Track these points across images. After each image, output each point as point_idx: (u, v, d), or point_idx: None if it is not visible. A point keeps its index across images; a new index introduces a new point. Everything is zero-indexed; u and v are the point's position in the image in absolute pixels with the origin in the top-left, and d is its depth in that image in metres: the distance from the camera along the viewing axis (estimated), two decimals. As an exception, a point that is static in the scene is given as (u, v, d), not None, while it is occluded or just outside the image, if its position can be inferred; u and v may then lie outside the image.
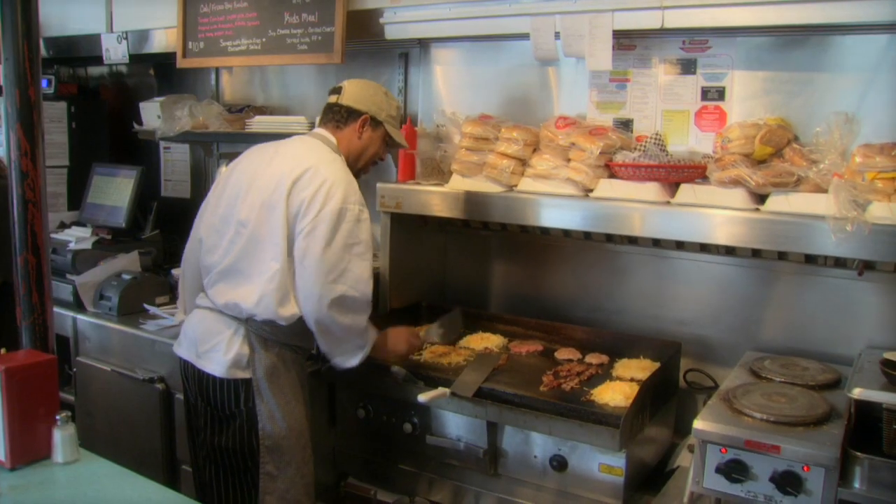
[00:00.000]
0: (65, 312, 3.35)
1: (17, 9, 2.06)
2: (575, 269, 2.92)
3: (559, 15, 2.51)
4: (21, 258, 2.16)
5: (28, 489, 1.75)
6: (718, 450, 1.92)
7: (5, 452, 1.80)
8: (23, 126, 2.11)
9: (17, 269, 2.19)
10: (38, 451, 1.85)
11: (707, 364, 2.66)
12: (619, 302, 2.84)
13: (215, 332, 2.31)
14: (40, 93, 2.14)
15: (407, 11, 2.83)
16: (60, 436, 1.84)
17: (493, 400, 2.29)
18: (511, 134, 2.61)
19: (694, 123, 2.58)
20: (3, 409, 1.78)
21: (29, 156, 2.13)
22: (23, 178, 2.15)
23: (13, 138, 2.13)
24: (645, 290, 2.79)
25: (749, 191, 2.24)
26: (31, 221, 2.16)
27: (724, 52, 2.51)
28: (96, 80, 4.66)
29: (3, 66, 2.10)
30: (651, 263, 2.76)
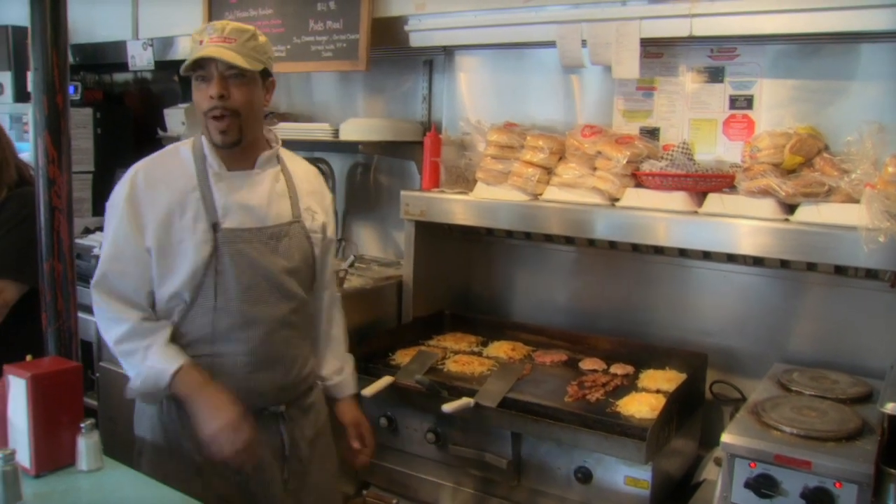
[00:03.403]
0: (88, 317, 3.34)
1: (47, 17, 2.07)
2: (600, 278, 2.90)
3: (586, 23, 2.49)
4: (47, 265, 2.17)
5: (52, 496, 1.75)
6: (747, 464, 1.89)
7: (30, 460, 1.79)
8: (50, 133, 2.12)
9: (42, 275, 2.20)
10: (63, 459, 1.84)
11: (733, 376, 2.62)
12: (644, 312, 2.81)
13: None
14: (68, 100, 2.15)
15: (432, 19, 2.82)
16: (85, 444, 1.84)
17: (517, 410, 2.26)
18: (537, 142, 2.59)
19: (722, 132, 2.56)
20: (28, 417, 1.78)
21: (56, 163, 2.14)
22: (50, 185, 2.15)
23: (41, 145, 2.13)
24: (671, 300, 2.76)
25: (778, 201, 2.21)
26: (57, 228, 2.16)
27: (753, 60, 2.48)
28: (121, 87, 4.69)
29: (31, 73, 2.11)
30: (677, 273, 2.73)
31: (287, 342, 2.10)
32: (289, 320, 2.09)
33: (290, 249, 2.09)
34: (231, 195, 2.04)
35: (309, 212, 2.16)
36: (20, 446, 1.78)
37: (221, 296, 2.00)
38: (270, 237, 2.06)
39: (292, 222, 2.11)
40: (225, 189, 2.04)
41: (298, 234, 2.12)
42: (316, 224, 2.17)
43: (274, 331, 2.06)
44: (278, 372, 2.09)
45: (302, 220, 2.14)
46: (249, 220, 2.04)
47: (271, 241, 2.06)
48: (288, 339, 2.10)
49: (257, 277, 2.02)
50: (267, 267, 2.03)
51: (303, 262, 2.12)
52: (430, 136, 2.86)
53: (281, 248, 2.07)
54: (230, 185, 2.05)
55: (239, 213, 2.04)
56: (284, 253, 2.07)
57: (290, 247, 2.09)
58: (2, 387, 1.84)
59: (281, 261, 2.06)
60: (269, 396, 2.08)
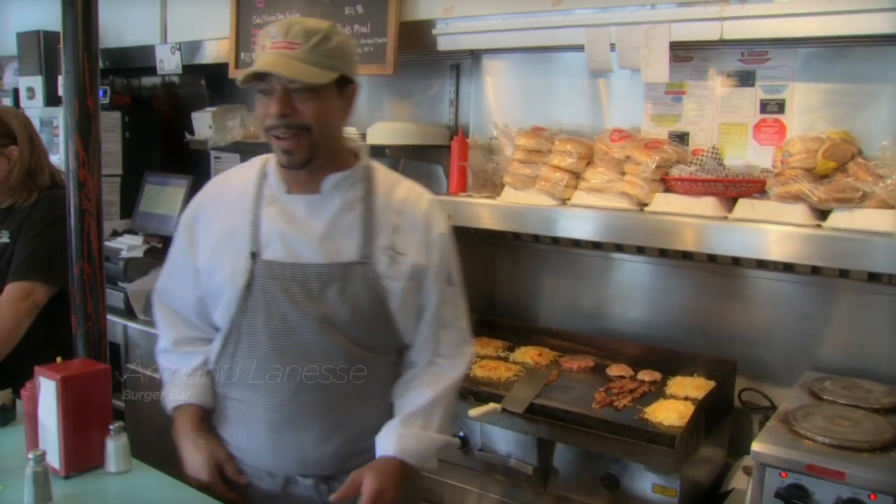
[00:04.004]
0: (116, 320, 3.40)
1: (78, 21, 2.09)
2: (627, 284, 2.87)
3: (615, 26, 2.47)
4: (77, 267, 2.19)
5: (81, 498, 1.76)
6: (778, 473, 1.86)
7: (60, 461, 1.81)
8: (81, 136, 2.14)
9: (72, 278, 2.22)
10: (92, 460, 1.85)
11: (763, 383, 2.59)
12: (672, 318, 2.78)
13: None
14: (98, 104, 2.16)
15: (460, 23, 2.81)
16: (113, 445, 1.85)
17: (544, 416, 2.25)
18: (565, 146, 2.58)
19: (752, 137, 2.52)
20: (58, 418, 1.79)
21: (86, 166, 2.16)
22: (80, 187, 2.17)
23: (71, 148, 2.15)
24: (699, 306, 2.73)
25: (810, 206, 2.18)
26: (87, 231, 2.18)
27: (784, 64, 2.45)
28: (149, 91, 4.73)
29: (63, 77, 2.13)
30: (706, 279, 2.70)
31: (320, 409, 1.76)
32: (325, 382, 1.74)
33: (341, 295, 1.72)
34: (277, 222, 1.75)
35: (388, 252, 1.76)
36: (50, 447, 1.79)
37: (249, 337, 1.76)
38: (315, 278, 1.72)
39: (354, 263, 1.74)
40: (273, 214, 1.76)
41: (359, 279, 1.73)
42: (398, 268, 1.76)
43: (302, 391, 1.74)
44: (305, 441, 1.77)
45: (372, 261, 1.74)
46: (291, 254, 1.73)
47: (315, 282, 1.71)
48: (322, 405, 1.76)
49: (287, 324, 1.72)
50: (299, 313, 1.72)
51: (359, 314, 1.74)
52: (457, 140, 2.85)
53: (328, 293, 1.71)
54: (281, 209, 1.77)
55: (280, 245, 1.74)
56: (331, 299, 1.71)
57: (343, 292, 1.72)
58: (32, 388, 1.86)
59: (321, 308, 1.71)
60: (292, 466, 1.80)
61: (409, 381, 1.85)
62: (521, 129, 2.77)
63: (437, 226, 1.85)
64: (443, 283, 1.85)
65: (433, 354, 1.86)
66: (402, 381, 1.86)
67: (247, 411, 1.81)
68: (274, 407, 1.76)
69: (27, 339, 2.42)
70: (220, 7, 3.66)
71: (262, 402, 1.77)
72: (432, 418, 1.80)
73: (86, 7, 2.11)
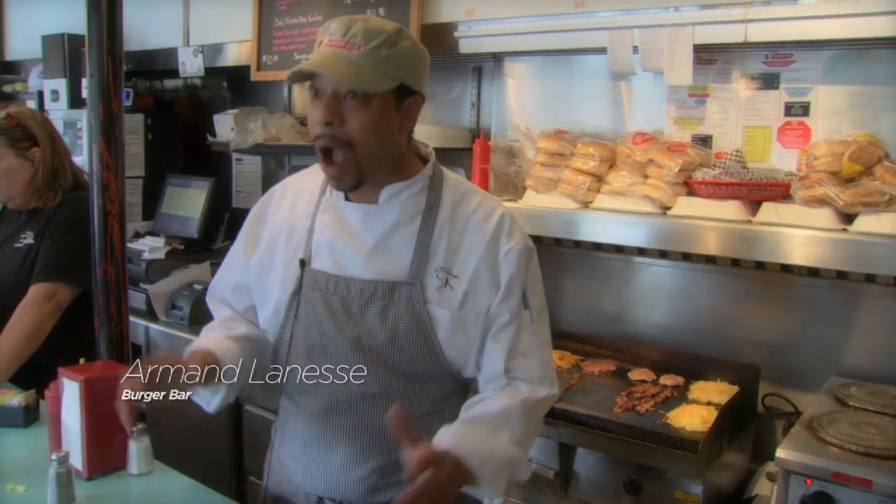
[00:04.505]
0: (138, 321, 3.41)
1: (103, 25, 2.11)
2: (649, 287, 2.85)
3: (638, 29, 2.45)
4: (100, 269, 2.21)
5: (103, 499, 1.77)
6: (803, 481, 1.83)
7: (83, 462, 1.82)
8: (105, 139, 2.16)
9: (95, 279, 2.23)
10: (114, 462, 1.86)
11: (786, 389, 2.56)
12: (694, 322, 2.76)
13: None
14: (122, 106, 2.18)
15: (482, 25, 2.81)
16: (136, 447, 1.86)
17: (565, 420, 2.24)
18: (587, 149, 2.56)
19: (776, 140, 2.50)
20: (81, 420, 1.80)
21: (110, 168, 2.18)
22: (104, 189, 2.19)
23: (95, 151, 2.18)
24: (722, 310, 2.71)
25: (836, 210, 2.15)
26: (110, 233, 2.20)
27: (809, 66, 2.42)
28: (171, 93, 4.76)
29: (87, 80, 2.15)
30: (729, 283, 2.67)
31: (348, 433, 1.65)
32: (355, 407, 1.63)
33: (381, 317, 1.57)
34: (329, 230, 1.63)
35: (441, 274, 1.58)
36: (73, 449, 1.81)
37: (294, 346, 1.65)
38: (357, 294, 1.58)
39: (401, 283, 1.58)
40: (327, 221, 1.64)
41: (403, 301, 1.57)
42: (449, 294, 1.58)
43: (332, 411, 1.64)
44: (332, 463, 1.67)
45: (421, 283, 1.57)
46: (337, 266, 1.61)
47: (357, 299, 1.58)
48: (351, 429, 1.65)
49: (322, 340, 1.61)
50: (336, 330, 1.59)
51: (399, 339, 1.58)
52: (478, 142, 2.84)
53: (369, 313, 1.58)
54: (336, 217, 1.63)
55: (328, 255, 1.62)
56: (370, 319, 1.58)
57: (384, 314, 1.57)
58: (56, 389, 1.87)
59: (355, 328, 1.58)
60: (321, 487, 1.70)
61: (476, 401, 1.62)
62: (543, 131, 2.76)
63: (507, 242, 1.61)
64: (517, 305, 1.61)
65: (508, 379, 1.62)
66: (468, 403, 1.63)
67: (288, 421, 1.76)
68: (306, 421, 1.69)
69: (50, 340, 2.44)
70: (242, 10, 3.68)
71: (298, 415, 1.71)
72: (502, 428, 1.55)
73: (110, 10, 2.13)
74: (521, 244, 1.64)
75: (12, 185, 2.61)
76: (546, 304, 1.72)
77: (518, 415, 1.58)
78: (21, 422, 2.11)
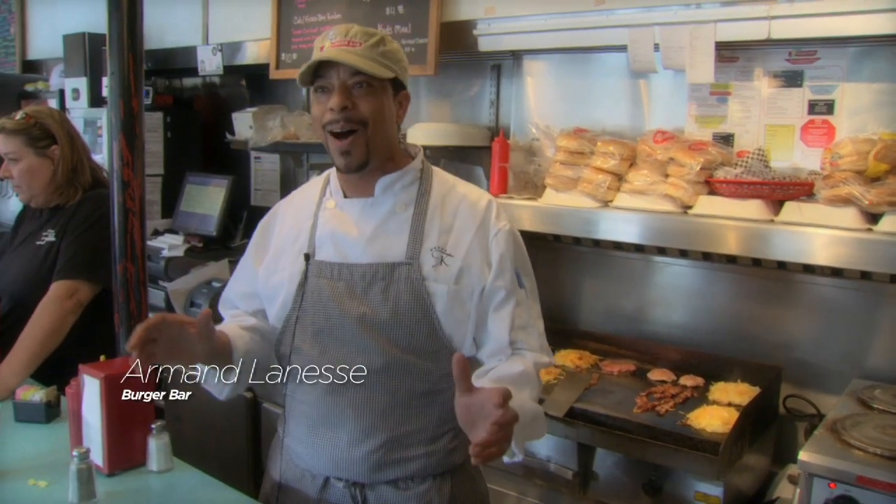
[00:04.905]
0: (157, 318, 3.42)
1: (124, 23, 2.12)
2: (670, 287, 2.83)
3: (659, 26, 2.44)
4: (120, 266, 2.21)
5: (124, 496, 1.78)
6: (826, 484, 1.81)
7: (103, 458, 1.82)
8: (125, 136, 2.17)
9: (116, 277, 2.24)
10: (134, 459, 1.87)
11: (808, 390, 2.53)
12: (714, 322, 2.74)
13: None
14: (143, 104, 2.19)
15: (501, 23, 2.80)
16: (155, 444, 1.86)
17: (584, 420, 2.23)
18: (607, 148, 2.55)
19: (799, 138, 2.47)
20: (102, 416, 1.81)
21: (130, 166, 2.19)
22: (124, 187, 2.20)
23: (115, 148, 2.18)
24: (742, 310, 2.68)
25: (861, 210, 2.12)
26: (130, 230, 2.21)
27: (834, 63, 2.39)
28: (191, 91, 4.78)
29: (108, 78, 2.15)
30: (750, 283, 2.65)
31: (354, 409, 1.72)
32: (361, 382, 1.70)
33: (383, 295, 1.69)
34: (330, 224, 1.77)
35: (436, 253, 1.71)
36: (94, 445, 1.82)
37: (300, 334, 1.74)
38: (360, 278, 1.70)
39: (399, 263, 1.70)
40: (328, 217, 1.78)
41: (404, 279, 1.69)
42: (444, 270, 1.70)
43: (339, 389, 1.71)
44: (339, 441, 1.74)
45: (418, 262, 1.70)
46: (339, 254, 1.73)
47: (360, 282, 1.70)
48: (358, 405, 1.72)
49: (329, 322, 1.71)
50: (340, 311, 1.70)
51: (401, 315, 1.69)
52: (498, 141, 2.83)
53: (372, 293, 1.69)
54: (336, 213, 1.77)
55: (331, 246, 1.75)
56: (373, 298, 1.69)
57: (386, 292, 1.69)
58: (77, 386, 1.88)
59: (359, 307, 1.69)
60: (327, 466, 1.77)
61: (487, 369, 1.72)
62: (562, 130, 2.75)
63: (496, 224, 1.77)
64: (511, 282, 1.75)
65: (512, 350, 1.74)
66: (478, 372, 1.72)
67: (294, 407, 1.82)
68: (313, 403, 1.76)
69: (71, 337, 2.45)
70: (261, 8, 3.69)
71: (304, 397, 1.77)
72: (524, 387, 1.66)
73: (131, 8, 2.13)
74: (508, 226, 1.79)
75: (33, 183, 2.63)
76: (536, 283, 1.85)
77: (534, 376, 1.72)
78: (42, 418, 2.12)
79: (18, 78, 5.41)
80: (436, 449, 1.75)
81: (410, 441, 1.74)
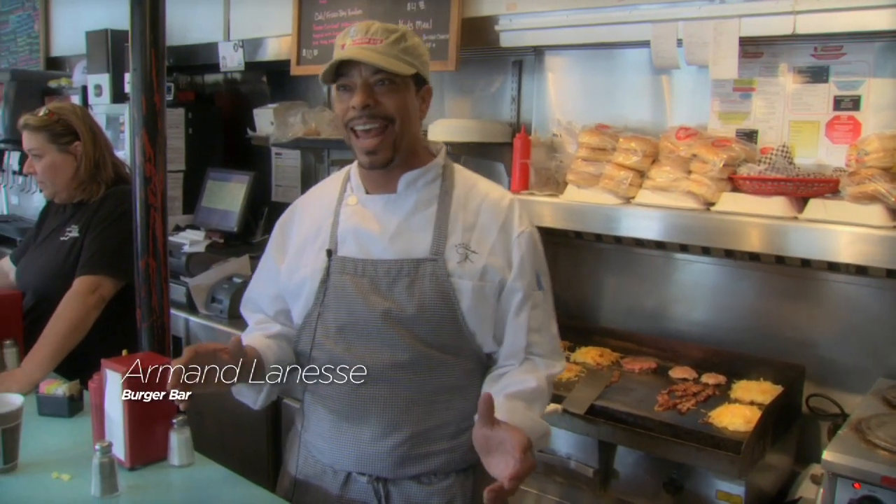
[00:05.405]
0: (178, 314, 3.45)
1: (146, 19, 2.12)
2: (691, 284, 2.81)
3: (682, 21, 2.41)
4: (142, 262, 2.22)
5: (145, 489, 1.79)
6: (850, 484, 1.79)
7: (125, 452, 1.83)
8: (147, 132, 2.17)
9: (137, 272, 2.25)
10: (156, 453, 1.88)
11: (832, 390, 2.51)
12: (736, 320, 2.71)
13: None
14: (165, 100, 2.19)
15: (523, 19, 2.78)
16: (177, 439, 1.87)
17: (605, 418, 2.22)
18: (630, 144, 2.53)
19: (824, 135, 2.44)
20: (123, 411, 1.81)
21: (152, 161, 2.19)
22: (146, 182, 2.21)
23: (138, 144, 2.19)
24: (765, 308, 2.66)
25: (887, 207, 2.10)
26: (152, 226, 2.22)
27: (861, 59, 2.36)
28: (212, 87, 4.80)
29: (130, 74, 2.16)
30: (773, 281, 2.62)
31: (378, 404, 1.72)
32: (386, 377, 1.71)
33: (408, 291, 1.69)
34: (353, 220, 1.77)
35: (460, 249, 1.72)
36: (116, 439, 1.83)
37: (322, 330, 1.74)
38: (385, 274, 1.70)
39: (424, 259, 1.71)
40: (350, 213, 1.78)
41: (427, 276, 1.69)
42: (469, 266, 1.71)
43: (362, 385, 1.71)
44: (363, 436, 1.74)
45: (442, 258, 1.70)
46: (363, 251, 1.73)
47: (384, 278, 1.70)
48: (382, 400, 1.72)
49: (352, 317, 1.71)
50: (366, 306, 1.70)
51: (426, 311, 1.69)
52: (519, 137, 2.82)
53: (396, 289, 1.69)
54: (359, 209, 1.78)
55: (354, 242, 1.75)
56: (398, 294, 1.69)
57: (411, 288, 1.69)
58: (99, 380, 1.89)
59: (384, 303, 1.69)
60: (350, 462, 1.77)
61: (501, 374, 1.77)
62: (584, 126, 2.73)
63: (517, 225, 1.78)
64: (530, 285, 1.77)
65: (526, 355, 1.78)
66: (493, 376, 1.78)
67: (315, 403, 1.82)
68: (336, 398, 1.76)
69: (94, 332, 2.47)
70: (282, 4, 3.70)
71: (328, 392, 1.77)
72: (535, 403, 1.73)
73: (154, 6, 2.14)
74: (530, 228, 1.80)
75: (57, 179, 2.66)
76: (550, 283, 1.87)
77: (545, 391, 1.77)
78: (65, 412, 2.14)
79: (42, 74, 5.46)
80: (459, 444, 1.76)
81: (434, 436, 1.75)
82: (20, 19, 6.02)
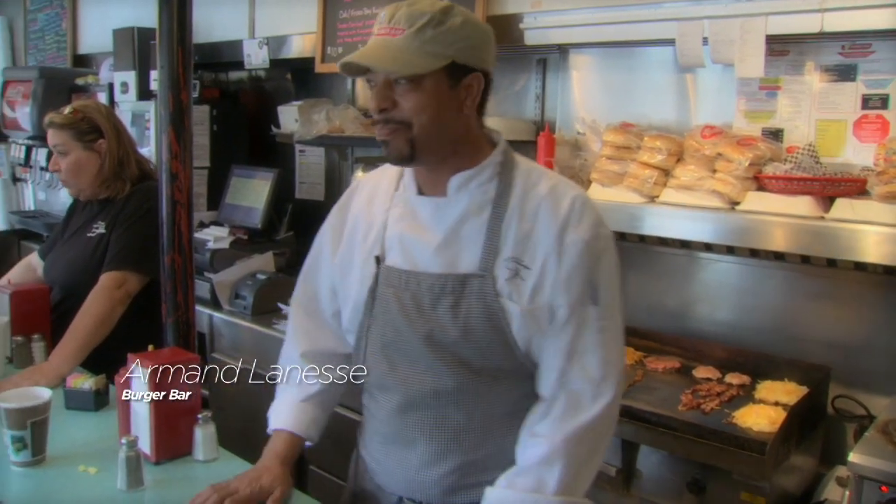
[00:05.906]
0: (202, 309, 3.47)
1: (174, 17, 2.14)
2: (716, 283, 2.79)
3: (708, 19, 2.40)
4: (168, 258, 2.24)
5: (171, 484, 1.80)
6: (878, 487, 1.77)
7: (151, 447, 1.85)
8: (174, 129, 2.19)
9: (163, 268, 2.27)
10: (181, 448, 1.90)
11: (858, 391, 2.48)
12: (761, 320, 2.69)
13: None
14: (191, 97, 2.21)
15: (548, 17, 2.77)
16: (201, 434, 1.89)
17: (628, 417, 2.21)
18: (654, 143, 2.52)
19: (851, 134, 2.42)
20: (149, 406, 1.83)
21: (179, 158, 2.21)
22: (172, 179, 2.23)
23: (164, 141, 2.21)
24: (790, 308, 2.63)
25: (917, 207, 2.08)
26: (178, 222, 2.24)
27: (890, 57, 2.33)
28: (236, 85, 4.83)
29: (157, 71, 2.18)
30: (798, 281, 2.60)
31: (424, 430, 1.60)
32: (431, 403, 1.58)
33: (452, 311, 1.52)
34: (400, 225, 1.61)
35: (511, 264, 1.52)
36: (142, 434, 1.84)
37: (372, 344, 1.62)
38: (428, 289, 1.54)
39: (471, 275, 1.52)
40: (398, 216, 1.62)
41: (476, 294, 1.51)
42: (520, 285, 1.51)
43: (409, 408, 1.60)
44: (410, 461, 1.63)
45: (492, 275, 1.51)
46: (408, 261, 1.58)
47: (427, 294, 1.54)
48: (428, 426, 1.60)
49: (398, 335, 1.57)
50: (409, 326, 1.56)
51: (472, 334, 1.52)
52: (543, 135, 2.81)
53: (440, 308, 1.53)
54: (407, 212, 1.61)
55: (400, 250, 1.59)
56: (442, 314, 1.53)
57: (456, 308, 1.52)
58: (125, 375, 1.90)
59: (427, 324, 1.53)
60: (399, 486, 1.67)
61: (532, 423, 1.57)
62: (609, 124, 2.72)
63: (574, 231, 1.52)
64: (578, 300, 1.52)
65: (560, 388, 1.54)
66: (528, 420, 1.58)
67: (369, 419, 1.74)
68: (384, 419, 1.66)
69: (120, 327, 2.49)
70: (307, 2, 3.71)
71: (377, 412, 1.68)
72: (547, 478, 1.50)
73: (181, 4, 2.16)
74: (588, 233, 1.54)
75: (81, 177, 2.68)
76: (621, 300, 1.63)
77: (562, 456, 1.51)
78: (91, 405, 2.16)
79: (70, 72, 5.52)
80: None
81: (488, 465, 1.58)
82: (48, 17, 6.09)
